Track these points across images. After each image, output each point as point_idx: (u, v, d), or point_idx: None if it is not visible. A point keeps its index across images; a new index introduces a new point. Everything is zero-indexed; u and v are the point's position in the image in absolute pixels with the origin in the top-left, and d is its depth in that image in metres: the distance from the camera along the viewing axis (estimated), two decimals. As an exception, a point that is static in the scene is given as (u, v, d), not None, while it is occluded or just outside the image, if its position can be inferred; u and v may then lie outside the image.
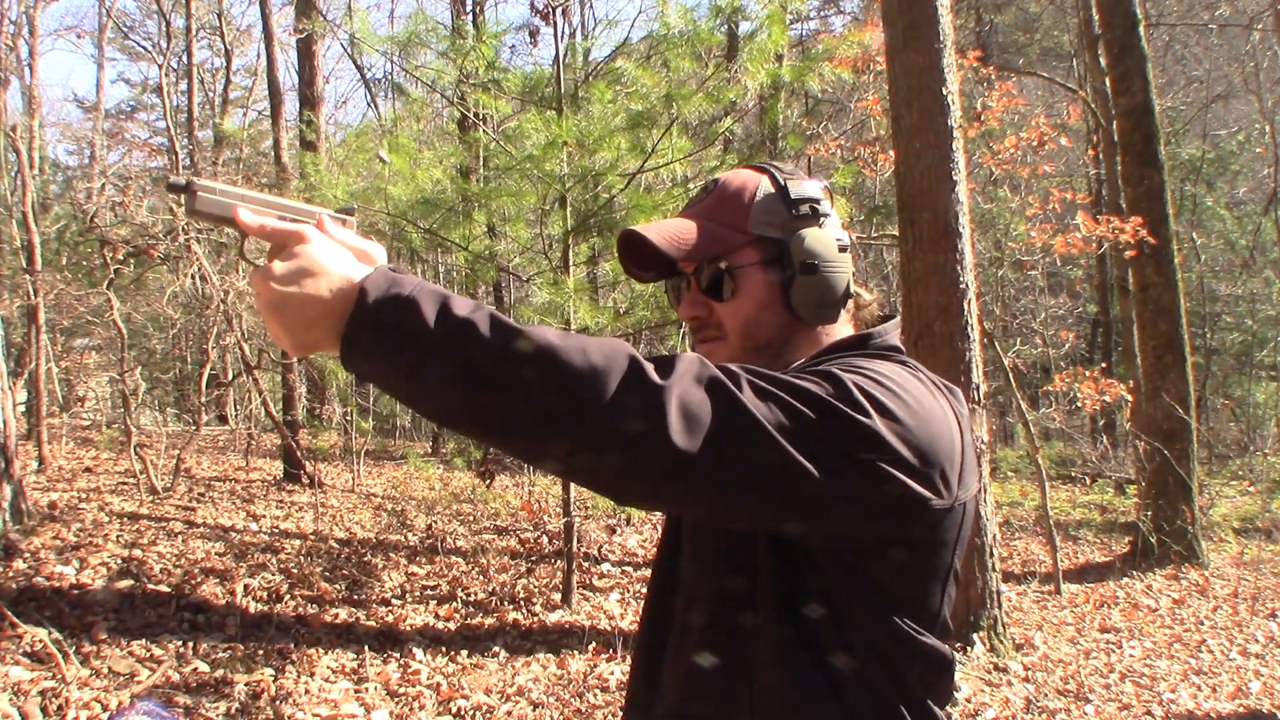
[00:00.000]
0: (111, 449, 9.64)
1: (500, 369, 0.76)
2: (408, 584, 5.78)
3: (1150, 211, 7.76)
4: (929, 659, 0.98)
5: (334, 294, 0.80)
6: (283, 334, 0.82)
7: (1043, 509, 7.18)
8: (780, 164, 1.12)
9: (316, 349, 0.83)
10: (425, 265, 9.08)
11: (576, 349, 0.77)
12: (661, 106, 4.97)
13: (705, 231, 1.07)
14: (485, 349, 0.76)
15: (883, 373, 0.92)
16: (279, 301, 0.80)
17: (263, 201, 0.90)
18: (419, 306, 0.77)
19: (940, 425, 0.92)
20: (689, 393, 0.79)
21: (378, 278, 0.79)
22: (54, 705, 3.40)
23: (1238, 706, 4.47)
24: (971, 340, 4.99)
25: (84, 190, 11.10)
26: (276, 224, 0.86)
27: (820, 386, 0.86)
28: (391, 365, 0.78)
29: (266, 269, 0.82)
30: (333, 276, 0.80)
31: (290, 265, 0.81)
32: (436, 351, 0.76)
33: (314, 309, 0.80)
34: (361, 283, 0.79)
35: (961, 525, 0.97)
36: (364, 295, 0.78)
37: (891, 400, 0.88)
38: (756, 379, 0.84)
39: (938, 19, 5.08)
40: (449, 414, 0.81)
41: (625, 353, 0.79)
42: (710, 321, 1.09)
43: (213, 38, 19.48)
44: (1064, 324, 14.62)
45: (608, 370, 0.77)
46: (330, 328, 0.80)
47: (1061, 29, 17.85)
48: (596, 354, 0.77)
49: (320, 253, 0.82)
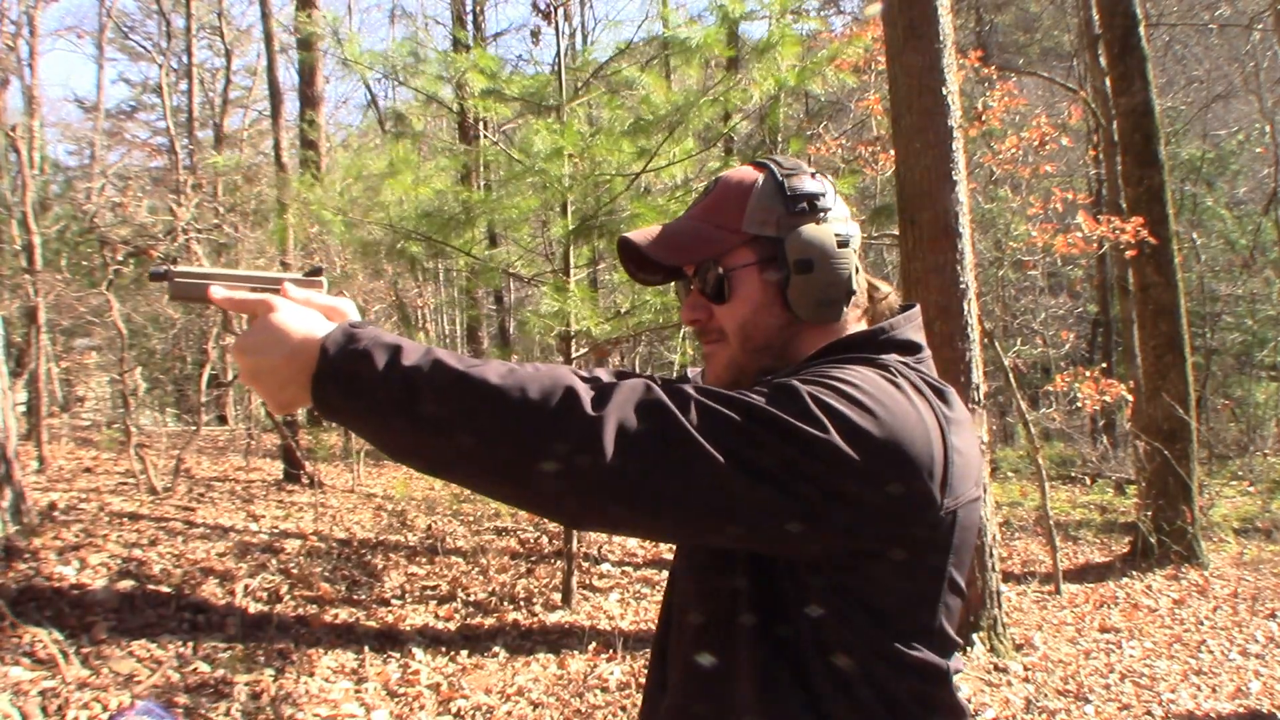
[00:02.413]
0: (111, 449, 9.63)
1: (444, 410, 0.82)
2: (408, 584, 5.78)
3: (1150, 211, 7.76)
4: (919, 672, 0.95)
5: (296, 355, 0.87)
6: (264, 396, 0.90)
7: (1043, 509, 7.18)
8: (782, 159, 1.09)
9: (296, 405, 0.90)
10: (425, 271, 9.10)
11: (515, 386, 0.82)
12: (667, 112, 4.98)
13: (697, 234, 1.06)
14: (430, 393, 0.82)
15: (849, 380, 0.89)
16: (253, 370, 0.88)
17: (233, 276, 0.97)
18: (371, 358, 0.83)
19: (912, 431, 0.88)
20: (626, 419, 0.82)
21: (336, 334, 0.86)
22: (54, 705, 3.40)
23: (1238, 706, 4.46)
24: (971, 340, 4.99)
25: (84, 190, 11.11)
26: (245, 296, 0.93)
27: (772, 400, 0.86)
28: (352, 413, 0.85)
29: (239, 341, 0.90)
30: (294, 339, 0.87)
31: (257, 336, 0.88)
32: (388, 398, 0.82)
33: (284, 371, 0.87)
34: (323, 340, 0.86)
35: (953, 533, 0.93)
36: (325, 352, 0.85)
37: (851, 409, 0.86)
38: (707, 399, 0.85)
39: (938, 19, 5.07)
40: (405, 454, 0.87)
41: (564, 385, 0.83)
42: (710, 325, 1.08)
43: (213, 38, 19.50)
44: (1064, 324, 14.63)
45: (543, 404, 0.81)
46: (302, 385, 0.87)
47: (1061, 29, 17.85)
48: (534, 389, 0.82)
49: (285, 318, 0.88)
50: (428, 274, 11.64)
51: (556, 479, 0.81)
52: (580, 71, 5.82)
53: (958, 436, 0.94)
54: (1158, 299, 7.90)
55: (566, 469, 0.80)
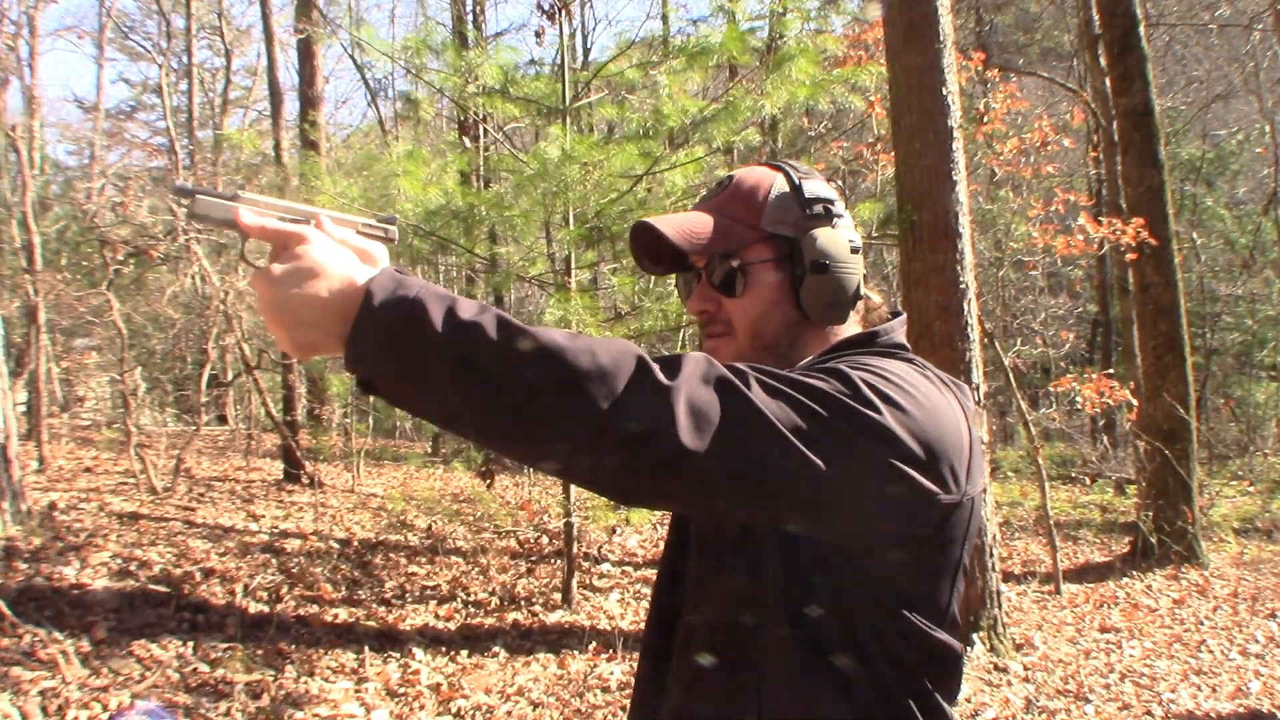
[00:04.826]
0: (111, 449, 9.63)
1: (506, 369, 0.76)
2: (408, 584, 5.78)
3: (1150, 211, 7.75)
4: (939, 654, 0.98)
5: (334, 295, 0.79)
6: (283, 335, 0.81)
7: (1043, 509, 7.18)
8: (796, 163, 1.12)
9: (316, 351, 0.82)
10: (428, 266, 9.09)
11: (584, 350, 0.77)
12: (680, 125, 4.99)
13: (718, 226, 1.07)
14: (491, 350, 0.75)
15: (890, 369, 0.92)
16: (278, 303, 0.80)
17: (263, 203, 0.89)
18: (426, 308, 0.76)
19: (949, 421, 0.92)
20: (696, 391, 0.78)
21: (384, 279, 0.79)
22: (54, 705, 3.40)
23: (1238, 706, 4.46)
24: (971, 340, 4.99)
25: (84, 190, 11.11)
26: (276, 224, 0.86)
27: (829, 383, 0.86)
28: (397, 367, 0.77)
29: (266, 270, 0.81)
30: (333, 277, 0.80)
31: (290, 266, 0.80)
32: (442, 352, 0.76)
33: (314, 310, 0.79)
34: (367, 284, 0.78)
35: (970, 520, 0.97)
36: (369, 297, 0.77)
37: (900, 395, 0.88)
38: (765, 377, 0.84)
39: (938, 19, 5.08)
40: (452, 416, 0.80)
41: (633, 353, 0.79)
42: (719, 317, 1.09)
43: (213, 38, 19.48)
44: (1064, 324, 14.62)
45: (615, 371, 0.76)
46: (331, 330, 0.79)
47: (1061, 29, 17.84)
48: (604, 354, 0.77)
49: (321, 253, 0.81)
50: (428, 274, 11.64)
51: (622, 450, 0.77)
52: (590, 78, 5.82)
53: (976, 428, 0.99)
54: (1158, 299, 7.90)
55: (637, 440, 0.76)
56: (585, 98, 5.87)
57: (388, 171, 5.27)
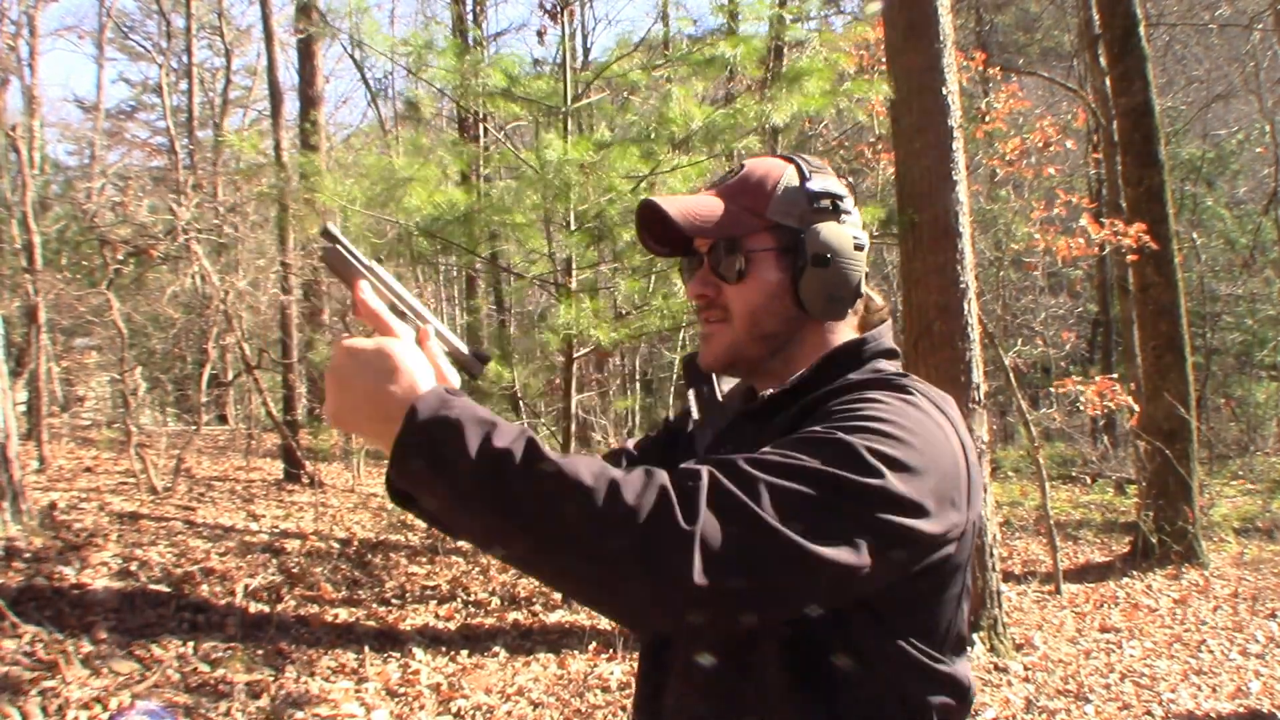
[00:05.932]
0: (111, 449, 9.64)
1: (531, 505, 0.78)
2: (408, 584, 5.78)
3: (1150, 211, 7.75)
4: (947, 686, 0.98)
5: (390, 398, 0.83)
6: (333, 403, 0.86)
7: (1043, 509, 7.18)
8: (808, 157, 1.12)
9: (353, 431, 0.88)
10: (429, 266, 9.09)
11: (608, 491, 0.78)
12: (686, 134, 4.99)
13: (726, 211, 1.07)
14: (520, 483, 0.78)
15: (885, 419, 0.91)
16: (345, 377, 0.85)
17: (388, 286, 0.94)
18: (463, 431, 0.79)
19: (946, 456, 0.92)
20: (710, 530, 0.78)
21: (430, 398, 0.82)
22: (54, 705, 3.40)
23: (1238, 706, 4.46)
24: (971, 340, 4.99)
25: (84, 190, 11.11)
26: (385, 315, 0.90)
27: (830, 460, 0.85)
28: (430, 484, 0.80)
29: (353, 344, 0.86)
30: (401, 384, 0.83)
31: (373, 351, 0.85)
32: (473, 478, 0.78)
33: (371, 402, 0.83)
34: (414, 401, 0.81)
35: (969, 543, 0.98)
36: (414, 413, 0.80)
37: (900, 450, 0.87)
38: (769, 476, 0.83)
39: (938, 19, 5.08)
40: (480, 537, 0.85)
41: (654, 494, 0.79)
42: (718, 302, 1.09)
43: (213, 38, 19.47)
44: (1064, 324, 14.61)
45: (637, 513, 0.77)
46: (374, 431, 0.84)
47: (1061, 29, 17.84)
48: (629, 495, 0.78)
49: (404, 357, 0.85)
50: (429, 274, 11.63)
51: (641, 590, 0.79)
52: (589, 75, 5.81)
53: (967, 442, 0.98)
54: (1158, 299, 7.90)
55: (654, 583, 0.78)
56: (586, 98, 5.87)
57: (395, 179, 5.26)
